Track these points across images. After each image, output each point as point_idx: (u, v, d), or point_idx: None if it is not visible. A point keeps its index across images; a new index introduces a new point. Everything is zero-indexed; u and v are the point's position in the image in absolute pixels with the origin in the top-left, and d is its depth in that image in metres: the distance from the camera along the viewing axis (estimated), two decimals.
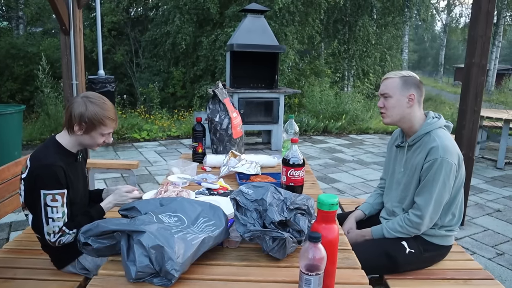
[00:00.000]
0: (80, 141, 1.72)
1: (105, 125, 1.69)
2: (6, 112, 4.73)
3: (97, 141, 1.73)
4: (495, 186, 4.95)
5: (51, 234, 1.61)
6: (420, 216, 1.77)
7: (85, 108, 1.64)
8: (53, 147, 1.70)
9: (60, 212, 1.61)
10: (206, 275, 1.24)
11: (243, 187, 1.42)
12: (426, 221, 1.78)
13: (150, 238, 1.15)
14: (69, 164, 1.69)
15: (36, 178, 1.58)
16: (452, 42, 38.22)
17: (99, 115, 1.66)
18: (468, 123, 3.37)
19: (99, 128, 1.68)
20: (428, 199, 1.76)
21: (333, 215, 1.07)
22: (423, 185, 1.78)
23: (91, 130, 1.68)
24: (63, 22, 3.54)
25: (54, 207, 1.59)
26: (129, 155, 6.11)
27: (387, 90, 1.85)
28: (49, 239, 1.62)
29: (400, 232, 1.84)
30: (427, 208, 1.76)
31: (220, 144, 2.58)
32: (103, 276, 1.21)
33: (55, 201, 1.59)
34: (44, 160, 1.61)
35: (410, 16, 14.45)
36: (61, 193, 1.61)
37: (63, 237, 1.63)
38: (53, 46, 10.89)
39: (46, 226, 1.61)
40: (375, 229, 1.92)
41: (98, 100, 1.69)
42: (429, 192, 1.75)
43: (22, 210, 1.74)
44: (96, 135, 1.70)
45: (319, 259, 0.99)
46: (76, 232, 1.64)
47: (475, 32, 3.25)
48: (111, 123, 1.72)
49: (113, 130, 1.76)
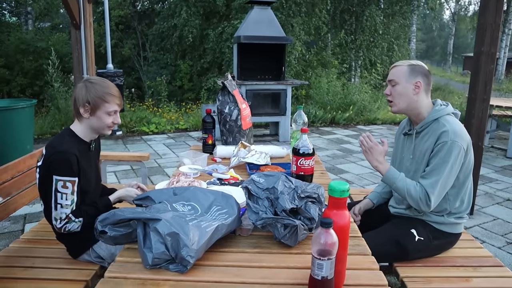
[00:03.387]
0: (90, 126, 1.76)
1: (108, 102, 1.72)
2: (18, 107, 4.79)
3: (105, 122, 1.75)
4: (504, 175, 4.93)
5: (58, 220, 1.66)
6: (427, 197, 1.75)
7: (85, 89, 1.70)
8: (68, 135, 1.75)
9: (69, 199, 1.65)
10: (219, 261, 1.27)
11: (255, 176, 1.45)
12: (431, 203, 1.75)
13: (166, 226, 1.18)
14: (82, 153, 1.74)
15: (50, 164, 1.63)
16: (461, 31, 37.72)
17: (99, 92, 1.70)
18: (477, 112, 3.36)
19: (102, 106, 1.72)
20: (435, 182, 1.74)
21: (344, 201, 1.10)
22: (431, 168, 1.76)
23: (95, 109, 1.71)
24: (73, 16, 3.58)
25: (64, 194, 1.64)
26: (138, 148, 6.16)
27: (394, 77, 1.87)
28: (55, 225, 1.67)
29: (410, 193, 1.77)
30: (433, 191, 1.74)
31: (230, 135, 2.61)
32: (121, 263, 1.25)
33: (66, 187, 1.63)
34: (58, 147, 1.66)
35: (418, 5, 14.26)
36: (72, 181, 1.65)
37: (69, 224, 1.66)
38: (61, 41, 10.96)
39: (54, 211, 1.65)
40: (393, 170, 1.85)
41: (97, 80, 1.75)
42: (436, 175, 1.74)
43: (40, 200, 1.79)
44: (102, 114, 1.73)
45: (330, 244, 1.02)
46: (82, 221, 1.68)
47: (484, 20, 3.22)
48: (114, 99, 1.74)
49: (119, 108, 1.78)
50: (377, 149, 1.88)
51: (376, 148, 1.88)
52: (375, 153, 1.87)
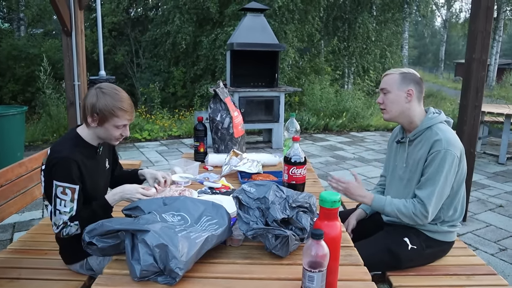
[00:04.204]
0: (97, 134, 1.70)
1: (117, 117, 1.64)
2: (9, 114, 4.74)
3: (113, 134, 1.68)
4: (497, 181, 4.95)
5: (55, 226, 1.62)
6: (423, 208, 1.75)
7: (96, 99, 1.61)
8: (73, 139, 1.69)
9: (68, 206, 1.60)
10: (209, 273, 1.25)
11: (246, 185, 1.43)
12: (429, 215, 1.76)
13: (154, 237, 1.16)
14: (88, 157, 1.69)
15: (52, 168, 1.59)
16: (452, 38, 38.15)
17: (110, 106, 1.61)
18: (469, 118, 3.37)
19: (111, 120, 1.64)
20: (431, 192, 1.74)
21: (336, 212, 1.08)
22: (426, 178, 1.76)
23: (103, 121, 1.64)
24: (64, 23, 3.56)
25: (62, 200, 1.59)
26: (131, 155, 6.12)
27: (385, 85, 1.87)
28: (54, 230, 1.63)
29: (402, 213, 1.78)
30: (430, 201, 1.74)
31: (222, 143, 2.59)
32: (108, 275, 1.23)
33: (65, 194, 1.59)
34: (61, 152, 1.61)
35: (410, 12, 14.41)
36: (71, 188, 1.59)
37: (65, 228, 1.61)
38: (54, 47, 10.91)
39: (53, 216, 1.62)
40: (378, 198, 1.85)
41: (110, 91, 1.65)
42: (431, 185, 1.74)
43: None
44: (109, 127, 1.66)
45: (322, 256, 1.00)
46: (78, 224, 1.62)
47: (475, 27, 3.25)
48: (124, 114, 1.65)
49: (129, 122, 1.70)
50: (353, 185, 1.89)
51: (351, 185, 1.89)
52: (353, 190, 1.88)
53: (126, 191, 1.71)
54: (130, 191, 1.71)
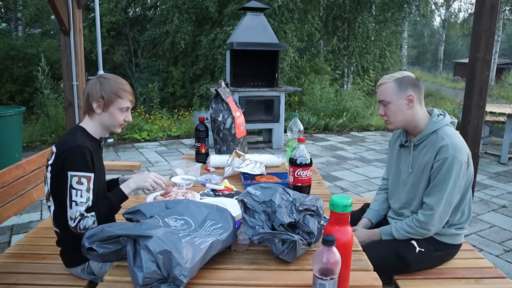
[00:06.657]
0: (102, 122, 1.73)
1: (121, 97, 1.70)
2: (6, 114, 4.69)
3: (117, 119, 1.72)
4: (499, 181, 4.92)
5: (72, 219, 1.57)
6: (430, 216, 1.73)
7: (99, 84, 1.69)
8: (79, 132, 1.71)
9: (84, 197, 1.57)
10: (214, 279, 1.20)
11: (251, 188, 1.39)
12: (436, 222, 1.74)
13: (157, 243, 1.11)
14: (94, 150, 1.69)
15: (64, 160, 1.57)
16: (451, 37, 38.10)
17: (114, 88, 1.69)
18: (473, 118, 3.32)
19: (116, 102, 1.69)
20: (438, 199, 1.72)
21: (347, 217, 1.04)
22: (433, 184, 1.73)
23: (109, 105, 1.69)
24: (63, 22, 3.50)
25: (78, 190, 1.57)
26: (130, 156, 6.07)
27: (383, 97, 1.80)
28: (71, 225, 1.58)
29: (410, 232, 1.80)
30: (437, 209, 1.72)
31: (224, 144, 2.54)
32: (109, 282, 1.18)
33: (81, 183, 1.57)
34: (72, 142, 1.61)
35: (409, 12, 14.36)
36: (87, 176, 1.59)
37: (83, 220, 1.56)
38: (52, 47, 10.83)
39: (69, 210, 1.57)
40: (384, 229, 1.88)
41: (110, 76, 1.75)
42: (439, 192, 1.71)
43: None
44: (114, 111, 1.70)
45: (333, 263, 0.96)
46: (94, 215, 1.58)
47: (479, 27, 3.20)
48: (127, 95, 1.72)
49: (131, 105, 1.76)
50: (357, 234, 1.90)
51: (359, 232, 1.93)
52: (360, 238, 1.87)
53: (138, 178, 1.74)
54: (142, 179, 1.74)
